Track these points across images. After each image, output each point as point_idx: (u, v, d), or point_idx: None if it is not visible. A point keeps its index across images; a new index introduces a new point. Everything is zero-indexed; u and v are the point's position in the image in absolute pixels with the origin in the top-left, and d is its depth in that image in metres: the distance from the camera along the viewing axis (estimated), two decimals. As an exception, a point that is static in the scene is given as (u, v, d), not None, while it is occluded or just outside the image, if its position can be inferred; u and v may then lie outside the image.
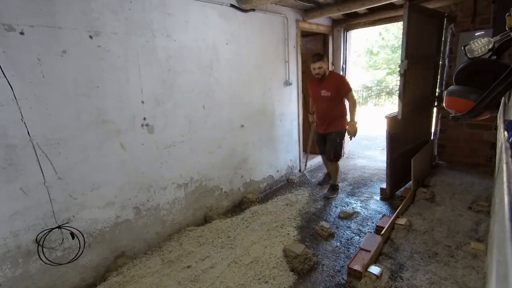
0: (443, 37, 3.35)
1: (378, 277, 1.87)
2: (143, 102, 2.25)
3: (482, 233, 2.30)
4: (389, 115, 2.96)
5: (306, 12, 3.66)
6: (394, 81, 13.71)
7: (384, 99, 13.69)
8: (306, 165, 4.29)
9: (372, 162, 4.56)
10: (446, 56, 3.39)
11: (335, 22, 4.25)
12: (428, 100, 3.42)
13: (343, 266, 2.15)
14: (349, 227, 2.69)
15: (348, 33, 4.34)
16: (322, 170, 4.30)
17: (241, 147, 3.21)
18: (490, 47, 1.17)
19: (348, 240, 2.48)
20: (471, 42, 1.22)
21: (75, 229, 1.98)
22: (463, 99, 1.19)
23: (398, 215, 2.61)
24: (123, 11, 2.05)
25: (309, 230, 2.66)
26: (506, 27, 1.08)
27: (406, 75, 2.71)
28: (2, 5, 1.56)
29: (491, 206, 2.39)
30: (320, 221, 2.78)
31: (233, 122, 3.06)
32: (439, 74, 3.48)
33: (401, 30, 2.67)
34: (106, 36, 1.98)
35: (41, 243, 1.83)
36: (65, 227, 1.93)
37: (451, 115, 1.25)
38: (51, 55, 1.76)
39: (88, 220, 2.05)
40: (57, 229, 1.90)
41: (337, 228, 2.67)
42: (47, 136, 1.80)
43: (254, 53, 3.16)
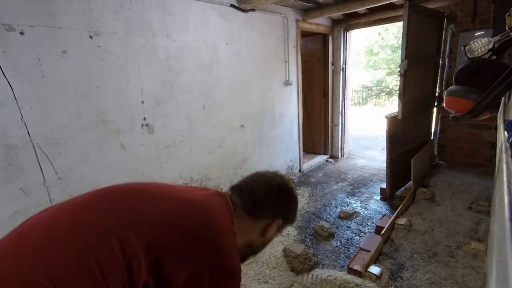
0: (443, 37, 3.35)
1: (378, 277, 1.87)
2: (143, 102, 2.25)
3: (482, 233, 2.30)
4: (389, 115, 2.96)
5: (306, 12, 3.66)
6: (394, 81, 13.70)
7: (384, 99, 13.69)
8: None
9: (372, 162, 4.55)
10: (446, 56, 3.39)
11: (335, 22, 4.25)
12: (428, 100, 3.42)
13: (343, 266, 2.15)
14: (349, 227, 2.69)
15: (348, 33, 4.34)
16: (322, 170, 4.30)
17: (241, 147, 3.21)
18: (490, 47, 1.17)
19: (348, 240, 2.48)
20: (471, 42, 1.23)
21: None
22: (463, 99, 1.19)
23: (398, 215, 2.61)
24: (123, 11, 2.05)
25: (309, 230, 2.66)
26: (506, 27, 1.08)
27: (406, 75, 2.71)
28: (2, 5, 1.56)
29: (491, 206, 2.39)
30: (320, 221, 2.78)
31: (233, 122, 3.06)
32: (439, 74, 3.47)
33: (401, 30, 2.67)
34: (106, 36, 1.98)
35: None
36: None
37: (451, 115, 1.25)
38: (51, 55, 1.75)
39: (88, 220, 2.05)
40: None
41: (337, 228, 2.67)
42: (47, 136, 1.79)
43: (254, 53, 3.16)
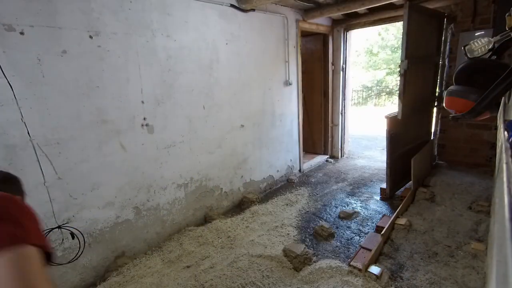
0: (443, 37, 3.35)
1: (378, 277, 1.87)
2: (143, 102, 2.25)
3: (482, 233, 2.30)
4: (389, 115, 2.96)
5: (306, 12, 3.66)
6: (394, 81, 13.71)
7: (384, 99, 13.69)
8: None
9: (372, 162, 4.55)
10: (446, 56, 3.39)
11: (335, 22, 4.25)
12: (428, 100, 3.42)
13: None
14: (349, 227, 2.69)
15: (348, 33, 4.34)
16: (322, 170, 4.30)
17: (241, 147, 3.21)
18: (490, 47, 1.18)
19: (348, 240, 2.48)
20: (471, 42, 1.23)
21: (75, 229, 1.98)
22: (463, 99, 1.19)
23: (398, 215, 2.61)
24: (123, 11, 2.05)
25: (309, 230, 2.65)
26: (506, 27, 1.08)
27: (406, 75, 2.71)
28: (2, 5, 1.56)
29: (491, 206, 2.39)
30: (320, 221, 2.78)
31: (233, 122, 3.06)
32: (439, 74, 3.48)
33: (401, 31, 2.67)
34: (106, 36, 1.98)
35: (41, 243, 1.83)
36: (65, 227, 1.93)
37: (451, 115, 1.25)
38: (51, 55, 1.76)
39: (88, 220, 2.05)
40: (57, 229, 1.90)
41: (337, 228, 2.67)
42: (47, 136, 1.79)
43: (254, 53, 3.16)
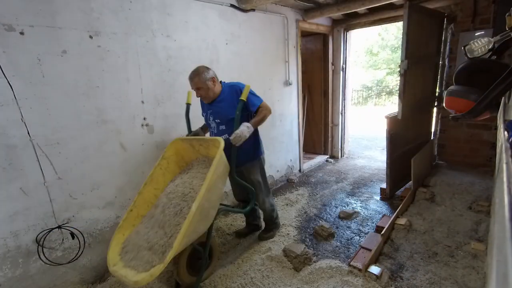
0: (443, 37, 3.35)
1: (378, 277, 1.87)
2: (143, 102, 2.25)
3: (482, 233, 2.30)
4: (389, 115, 2.96)
5: (306, 12, 3.66)
6: (394, 81, 13.72)
7: (384, 99, 13.70)
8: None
9: (372, 162, 4.56)
10: (446, 56, 3.39)
11: (335, 22, 4.25)
12: (428, 100, 3.42)
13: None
14: (349, 227, 2.69)
15: (348, 33, 4.34)
16: (322, 170, 4.30)
17: (241, 147, 3.21)
18: (490, 47, 1.18)
19: (348, 240, 2.48)
20: (471, 42, 1.23)
21: (75, 229, 1.98)
22: (463, 99, 1.19)
23: (398, 215, 2.61)
24: (123, 11, 2.05)
25: (309, 230, 2.65)
26: (506, 27, 1.08)
27: (406, 75, 2.71)
28: (2, 5, 1.56)
29: (491, 206, 2.39)
30: (320, 221, 2.78)
31: (233, 122, 3.05)
32: (439, 74, 3.48)
33: (401, 30, 2.67)
34: (106, 36, 1.98)
35: (41, 243, 1.83)
36: (65, 227, 1.93)
37: (451, 115, 1.25)
38: (51, 55, 1.76)
39: (88, 220, 2.05)
40: (57, 229, 1.90)
41: (337, 228, 2.67)
42: (47, 136, 1.80)
43: (254, 53, 3.16)
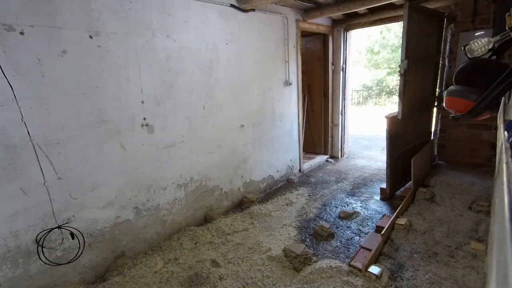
0: (443, 37, 3.35)
1: (378, 277, 1.87)
2: (143, 102, 2.25)
3: (482, 233, 2.30)
4: (389, 115, 2.96)
5: (306, 12, 3.66)
6: (395, 81, 13.71)
7: (384, 99, 13.69)
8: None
9: (372, 162, 4.55)
10: (446, 56, 3.39)
11: (335, 22, 4.25)
12: (428, 100, 3.42)
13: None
14: (349, 227, 2.69)
15: (348, 33, 4.34)
16: (322, 170, 4.30)
17: (241, 147, 3.21)
18: (490, 47, 1.18)
19: (348, 240, 2.48)
20: (471, 42, 1.23)
21: (75, 229, 1.98)
22: (463, 99, 1.19)
23: (398, 215, 2.61)
24: (123, 11, 2.05)
25: (309, 230, 2.65)
26: (506, 27, 1.08)
27: (406, 75, 2.71)
28: (2, 5, 1.56)
29: (491, 206, 2.39)
30: (320, 221, 2.78)
31: (233, 122, 3.06)
32: (439, 74, 3.47)
33: (402, 30, 2.67)
34: (106, 36, 1.98)
35: (41, 243, 1.83)
36: (65, 227, 1.93)
37: (451, 115, 1.25)
38: (51, 55, 1.75)
39: (88, 220, 2.05)
40: (57, 229, 1.90)
41: (337, 228, 2.67)
42: (47, 136, 1.79)
43: (254, 53, 3.16)
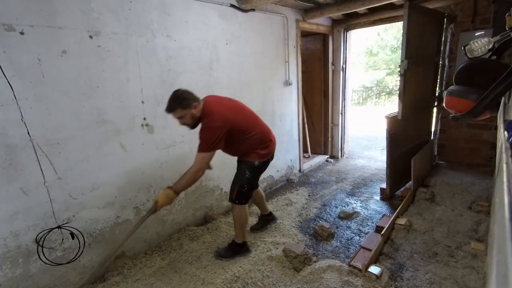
0: (443, 37, 3.35)
1: (378, 277, 1.87)
2: (143, 102, 2.25)
3: (482, 233, 2.30)
4: (389, 115, 2.96)
5: (306, 12, 3.66)
6: (394, 81, 13.73)
7: (384, 99, 13.71)
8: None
9: (372, 162, 4.56)
10: (446, 56, 3.39)
11: (335, 22, 4.25)
12: (428, 100, 3.42)
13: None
14: (349, 227, 2.69)
15: (348, 33, 4.34)
16: (322, 170, 4.30)
17: (241, 147, 3.21)
18: (490, 47, 1.18)
19: (348, 240, 2.48)
20: (471, 42, 1.23)
21: (75, 229, 1.98)
22: (463, 99, 1.19)
23: (398, 215, 2.61)
24: (123, 11, 2.05)
25: (309, 230, 2.65)
26: (506, 27, 1.08)
27: (406, 75, 2.71)
28: (2, 5, 1.56)
29: (491, 206, 2.39)
30: (320, 221, 2.78)
31: (233, 122, 3.05)
32: (439, 74, 3.48)
33: (400, 31, 2.67)
34: (106, 36, 1.98)
35: (41, 243, 1.83)
36: (65, 227, 1.93)
37: (451, 115, 1.25)
38: (51, 55, 1.75)
39: (88, 220, 2.05)
40: (57, 229, 1.90)
41: (337, 228, 2.67)
42: (47, 136, 1.79)
43: (254, 53, 3.16)
